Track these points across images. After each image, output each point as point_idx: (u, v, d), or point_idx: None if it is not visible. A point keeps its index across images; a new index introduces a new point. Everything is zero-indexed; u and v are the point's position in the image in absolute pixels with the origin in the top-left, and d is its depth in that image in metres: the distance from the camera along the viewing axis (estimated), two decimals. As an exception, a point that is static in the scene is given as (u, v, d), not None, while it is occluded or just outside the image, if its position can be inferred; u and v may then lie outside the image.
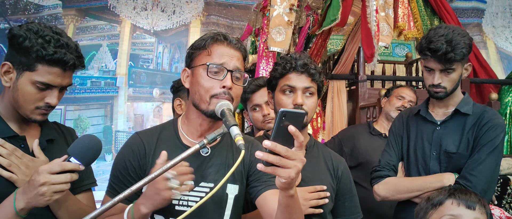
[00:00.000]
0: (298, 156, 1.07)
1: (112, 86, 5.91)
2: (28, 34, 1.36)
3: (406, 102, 3.05)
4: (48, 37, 1.37)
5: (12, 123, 1.48)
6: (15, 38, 1.37)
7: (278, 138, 1.06)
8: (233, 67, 1.44)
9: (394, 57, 6.28)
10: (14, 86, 1.41)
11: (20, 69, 1.39)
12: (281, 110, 1.04)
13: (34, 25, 1.39)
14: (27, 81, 1.39)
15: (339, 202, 1.79)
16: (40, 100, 1.42)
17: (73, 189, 1.53)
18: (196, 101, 1.45)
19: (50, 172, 1.23)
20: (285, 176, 1.07)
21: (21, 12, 5.79)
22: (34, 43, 1.35)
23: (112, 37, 5.98)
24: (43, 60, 1.37)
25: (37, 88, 1.40)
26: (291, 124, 1.05)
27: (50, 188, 1.23)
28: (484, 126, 1.85)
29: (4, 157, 1.38)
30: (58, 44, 1.39)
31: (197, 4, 6.20)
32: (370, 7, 3.18)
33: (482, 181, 1.78)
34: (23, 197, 1.26)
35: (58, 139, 1.59)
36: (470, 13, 6.69)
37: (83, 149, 1.28)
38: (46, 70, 1.38)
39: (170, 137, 1.51)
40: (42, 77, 1.38)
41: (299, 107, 1.69)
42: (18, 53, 1.38)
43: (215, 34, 1.47)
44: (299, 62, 1.71)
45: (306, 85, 1.71)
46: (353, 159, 2.98)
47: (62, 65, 1.40)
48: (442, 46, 1.80)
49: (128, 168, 1.45)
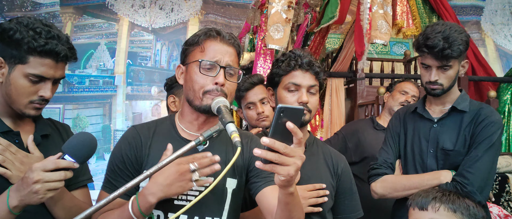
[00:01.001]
0: (297, 153, 1.06)
1: (110, 84, 5.90)
2: (18, 27, 1.35)
3: (409, 96, 3.03)
4: (38, 29, 1.37)
5: (6, 118, 1.47)
6: (5, 32, 1.36)
7: (277, 135, 1.04)
8: (226, 64, 1.43)
9: (392, 55, 6.27)
10: (6, 80, 1.40)
11: (12, 62, 1.38)
12: (279, 106, 1.02)
13: (24, 19, 1.38)
14: (20, 74, 1.38)
15: (339, 200, 1.79)
16: (33, 94, 1.41)
17: (69, 185, 1.52)
18: (190, 97, 1.46)
19: (44, 169, 1.22)
20: (284, 174, 1.05)
21: (18, 9, 5.77)
22: (24, 35, 1.35)
23: (110, 35, 5.97)
24: (35, 52, 1.36)
25: (30, 81, 1.39)
26: (289, 121, 1.03)
27: (44, 185, 1.22)
28: (481, 123, 1.85)
29: None
30: (49, 35, 1.38)
31: (195, 2, 6.19)
32: (364, 5, 3.17)
33: (479, 178, 1.78)
34: (16, 194, 1.25)
35: (53, 134, 1.58)
36: (468, 10, 6.68)
37: (78, 147, 1.27)
38: (38, 62, 1.38)
39: (167, 130, 1.51)
40: (34, 69, 1.38)
41: (304, 105, 1.68)
42: (9, 46, 1.37)
43: (208, 30, 1.46)
44: (305, 60, 1.70)
45: (311, 83, 1.71)
46: (358, 154, 2.96)
47: (54, 56, 1.39)
48: (439, 43, 1.79)
49: (125, 161, 1.45)
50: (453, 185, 1.80)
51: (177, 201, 1.41)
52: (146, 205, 1.28)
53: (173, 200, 1.40)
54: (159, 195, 1.28)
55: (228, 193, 1.46)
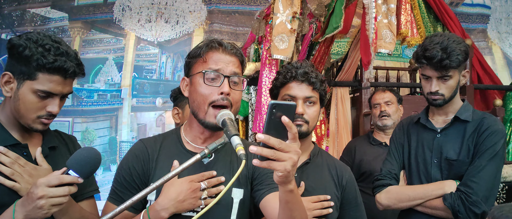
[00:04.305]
0: (292, 148, 1.06)
1: (117, 98, 5.96)
2: (27, 44, 1.37)
3: (382, 105, 3.08)
4: (47, 45, 1.39)
5: (14, 131, 1.48)
6: (15, 47, 1.39)
7: (271, 131, 1.04)
8: (229, 73, 1.44)
9: (404, 58, 6.22)
10: (15, 95, 1.42)
11: (21, 78, 1.40)
12: (271, 102, 1.03)
13: (33, 35, 1.40)
14: (28, 90, 1.40)
15: (344, 211, 1.78)
16: (41, 109, 1.43)
17: (76, 196, 1.53)
18: (194, 109, 1.47)
19: (48, 185, 1.23)
20: (281, 169, 1.05)
21: (27, 23, 5.86)
22: (34, 52, 1.37)
23: (117, 50, 6.03)
24: (44, 69, 1.38)
25: (38, 97, 1.41)
26: (283, 115, 1.03)
27: (48, 201, 1.23)
28: (484, 133, 1.84)
29: (7, 166, 1.39)
30: (58, 52, 1.40)
31: (200, 13, 6.22)
32: (369, 14, 3.18)
33: (484, 188, 1.77)
34: (22, 209, 1.26)
35: (60, 146, 1.60)
36: (474, 18, 6.64)
37: (82, 162, 1.28)
38: (46, 78, 1.39)
39: (173, 144, 1.52)
40: (43, 85, 1.39)
41: (300, 116, 1.69)
42: (18, 62, 1.39)
43: (210, 41, 1.48)
44: (300, 71, 1.71)
45: (306, 94, 1.71)
46: (355, 170, 2.99)
47: (63, 73, 1.41)
48: (437, 54, 1.80)
49: (132, 173, 1.46)
50: (457, 195, 1.79)
51: (185, 212, 1.41)
52: None
53: None
54: (172, 210, 1.31)
55: (234, 203, 1.47)
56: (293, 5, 3.31)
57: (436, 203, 1.85)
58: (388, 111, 3.08)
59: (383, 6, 3.21)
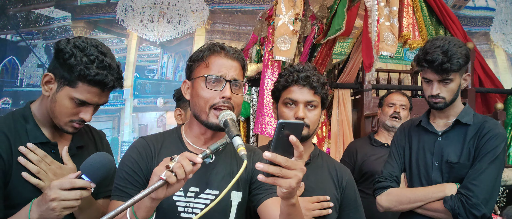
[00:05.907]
0: (298, 166, 1.08)
1: (120, 98, 5.98)
2: (74, 51, 1.39)
3: (397, 107, 3.07)
4: (92, 56, 1.41)
5: (46, 129, 1.51)
6: (61, 52, 1.41)
7: (278, 149, 1.07)
8: (231, 77, 1.45)
9: (406, 61, 6.22)
10: (52, 97, 1.44)
11: (61, 83, 1.43)
12: (280, 122, 1.05)
13: (81, 42, 1.42)
14: (66, 95, 1.43)
15: (344, 212, 1.79)
16: (75, 115, 1.46)
17: (96, 194, 1.57)
18: (196, 112, 1.47)
19: (61, 188, 1.25)
20: (286, 186, 1.08)
21: (32, 24, 5.89)
22: (79, 62, 1.39)
23: (119, 50, 6.05)
24: (85, 79, 1.40)
25: (74, 103, 1.44)
26: (291, 134, 1.06)
27: (60, 204, 1.25)
28: (485, 136, 1.85)
29: (34, 163, 1.42)
30: (101, 65, 1.42)
31: (202, 13, 6.22)
32: (372, 17, 3.18)
33: (484, 191, 1.78)
34: (37, 208, 1.29)
35: (88, 144, 1.63)
36: (477, 21, 6.63)
37: (94, 168, 1.28)
38: (85, 89, 1.42)
39: (175, 143, 1.53)
40: (81, 94, 1.42)
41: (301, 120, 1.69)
42: (62, 67, 1.42)
43: (212, 45, 1.48)
44: (301, 75, 1.71)
45: (308, 98, 1.71)
46: (357, 172, 3.00)
47: (102, 86, 1.44)
48: (438, 57, 1.81)
49: (135, 168, 1.46)
50: (458, 198, 1.80)
51: (184, 213, 1.42)
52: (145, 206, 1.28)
53: (179, 212, 1.42)
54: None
55: (232, 206, 1.47)
56: (295, 6, 3.31)
57: (436, 206, 1.86)
58: (401, 114, 3.08)
59: (385, 9, 3.21)
